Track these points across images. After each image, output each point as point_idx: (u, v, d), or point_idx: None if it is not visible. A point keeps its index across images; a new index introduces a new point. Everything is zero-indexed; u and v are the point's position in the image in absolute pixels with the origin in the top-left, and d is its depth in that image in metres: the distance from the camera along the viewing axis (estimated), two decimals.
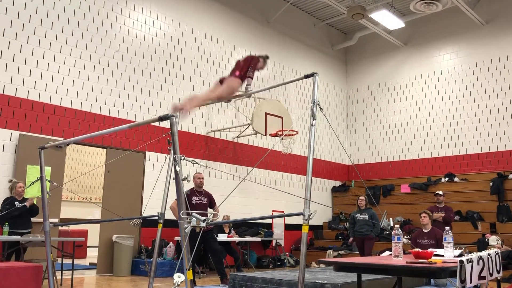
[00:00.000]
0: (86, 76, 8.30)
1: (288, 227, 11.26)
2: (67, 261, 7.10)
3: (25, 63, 7.55)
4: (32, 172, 7.19)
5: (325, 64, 13.39)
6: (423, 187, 11.45)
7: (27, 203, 6.49)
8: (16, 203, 6.45)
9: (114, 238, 8.11)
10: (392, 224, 10.90)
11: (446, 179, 11.23)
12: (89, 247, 11.71)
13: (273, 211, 10.73)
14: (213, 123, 10.22)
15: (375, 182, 12.45)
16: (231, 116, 10.58)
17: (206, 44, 10.38)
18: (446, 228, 3.83)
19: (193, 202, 6.87)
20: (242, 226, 10.08)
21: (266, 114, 9.48)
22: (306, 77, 4.85)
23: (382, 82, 13.32)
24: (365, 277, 5.23)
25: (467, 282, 2.82)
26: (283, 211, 10.40)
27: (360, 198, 8.36)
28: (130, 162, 8.47)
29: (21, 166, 7.23)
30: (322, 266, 8.43)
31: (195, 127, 9.85)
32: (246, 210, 10.16)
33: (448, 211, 8.12)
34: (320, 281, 5.39)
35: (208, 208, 7.07)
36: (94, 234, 9.87)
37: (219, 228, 8.88)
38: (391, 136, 12.89)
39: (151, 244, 8.59)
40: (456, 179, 11.12)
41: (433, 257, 3.38)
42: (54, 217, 7.26)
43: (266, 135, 9.60)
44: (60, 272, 6.67)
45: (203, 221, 3.30)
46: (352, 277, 5.34)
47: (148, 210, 7.28)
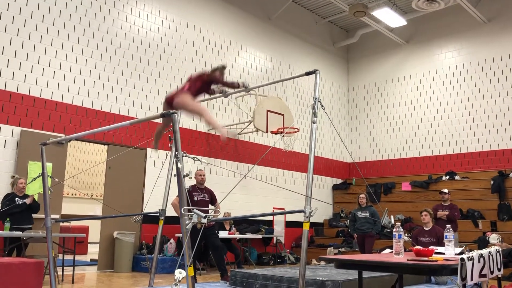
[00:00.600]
0: (88, 73, 8.30)
1: (289, 224, 11.28)
2: (68, 257, 7.13)
3: (27, 59, 7.55)
4: (34, 168, 7.22)
5: (327, 62, 13.37)
6: (424, 185, 11.45)
7: (27, 200, 6.50)
8: (17, 199, 6.45)
9: (115, 235, 8.12)
10: (393, 222, 10.91)
11: (447, 177, 11.22)
12: (90, 243, 11.74)
13: (274, 208, 10.74)
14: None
15: (376, 180, 12.45)
16: (232, 113, 10.58)
17: (208, 41, 10.37)
18: (447, 226, 3.83)
19: (195, 199, 6.88)
20: (243, 223, 10.09)
21: (267, 112, 9.48)
22: (307, 74, 4.87)
23: (384, 80, 13.31)
24: (366, 275, 5.24)
25: (468, 280, 2.82)
26: (284, 209, 10.40)
27: (361, 196, 8.35)
28: (132, 159, 8.48)
29: (23, 162, 7.25)
30: (323, 264, 8.44)
31: (196, 124, 9.85)
32: (247, 207, 10.17)
33: (453, 209, 8.07)
34: (321, 278, 5.40)
35: (210, 205, 7.09)
36: (95, 230, 9.88)
37: (220, 225, 8.89)
38: (392, 134, 12.89)
39: (152, 241, 8.60)
40: (457, 177, 11.10)
41: (434, 255, 3.38)
42: (56, 213, 7.27)
43: (267, 133, 9.59)
44: (61, 268, 6.69)
45: (204, 218, 3.31)
46: (353, 275, 5.35)
47: (149, 207, 7.32)
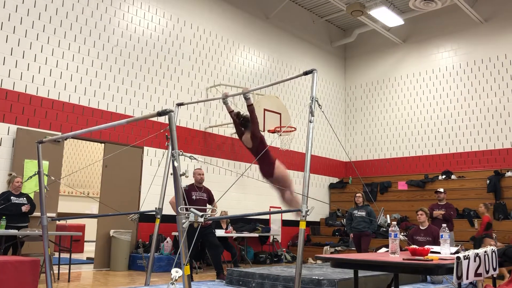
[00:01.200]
0: (84, 71, 8.27)
1: (286, 223, 11.28)
2: (64, 256, 7.10)
3: (23, 57, 7.52)
4: (30, 167, 7.20)
5: (324, 61, 13.38)
6: (420, 184, 11.48)
7: (24, 208, 6.44)
8: (12, 198, 6.42)
9: (112, 233, 8.11)
10: (389, 221, 10.93)
11: (443, 177, 11.26)
12: (87, 242, 11.73)
13: (271, 207, 10.73)
14: (212, 119, 10.22)
15: (373, 179, 12.47)
16: None
17: (205, 40, 10.36)
18: (443, 226, 3.85)
19: (193, 198, 6.87)
20: (240, 222, 10.10)
21: (265, 110, 9.47)
22: (305, 74, 4.88)
23: (381, 79, 13.33)
24: (362, 274, 5.25)
25: (464, 279, 2.84)
26: (281, 207, 10.38)
27: (357, 195, 8.37)
28: (128, 157, 8.47)
29: (19, 161, 7.23)
30: (319, 262, 8.45)
31: (193, 123, 9.84)
32: (244, 206, 10.18)
33: (449, 209, 8.10)
34: (317, 277, 5.41)
35: (208, 204, 7.08)
36: (92, 229, 9.88)
37: (217, 224, 8.90)
38: (389, 133, 12.91)
39: (149, 239, 8.59)
40: (453, 177, 11.14)
41: (430, 254, 3.40)
42: (52, 212, 7.26)
43: (264, 131, 9.59)
44: (57, 267, 6.67)
45: (201, 217, 3.31)
46: (349, 273, 5.37)
47: (146, 205, 7.32)
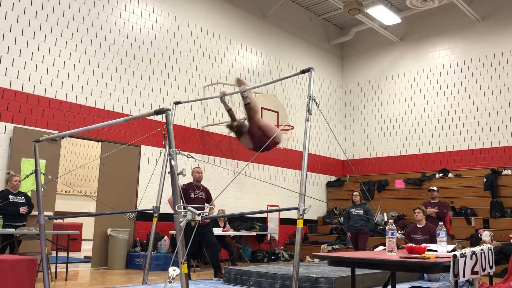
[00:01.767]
0: (81, 69, 8.26)
1: (283, 222, 11.30)
2: (62, 254, 7.11)
3: (20, 56, 7.49)
4: (27, 165, 7.19)
5: (321, 59, 13.38)
6: (418, 183, 11.50)
7: (22, 210, 6.43)
8: (10, 197, 6.41)
9: (109, 232, 8.11)
10: (386, 219, 10.96)
11: (440, 175, 11.29)
12: (84, 240, 11.71)
13: (268, 206, 10.76)
14: (209, 117, 10.21)
15: (370, 177, 12.49)
16: None
17: (202, 38, 10.34)
18: (440, 224, 3.86)
19: (191, 196, 6.86)
20: (237, 220, 10.10)
21: (262, 109, 9.46)
22: (303, 73, 4.88)
23: (378, 78, 13.34)
24: (359, 272, 5.27)
25: (460, 277, 2.85)
26: (278, 206, 10.42)
27: (355, 193, 8.39)
28: (125, 156, 8.46)
29: (16, 159, 7.21)
30: (317, 261, 8.47)
31: (191, 121, 9.83)
32: (241, 204, 10.19)
33: (442, 207, 8.17)
34: (314, 275, 5.42)
35: (205, 203, 7.08)
36: (89, 228, 9.86)
37: (214, 222, 8.90)
38: (386, 132, 12.93)
39: (146, 238, 8.59)
40: (450, 175, 11.17)
41: (427, 252, 3.41)
42: (49, 210, 7.24)
43: None
44: (55, 265, 6.67)
45: (198, 215, 3.31)
46: (346, 272, 5.38)
47: (143, 204, 7.32)
